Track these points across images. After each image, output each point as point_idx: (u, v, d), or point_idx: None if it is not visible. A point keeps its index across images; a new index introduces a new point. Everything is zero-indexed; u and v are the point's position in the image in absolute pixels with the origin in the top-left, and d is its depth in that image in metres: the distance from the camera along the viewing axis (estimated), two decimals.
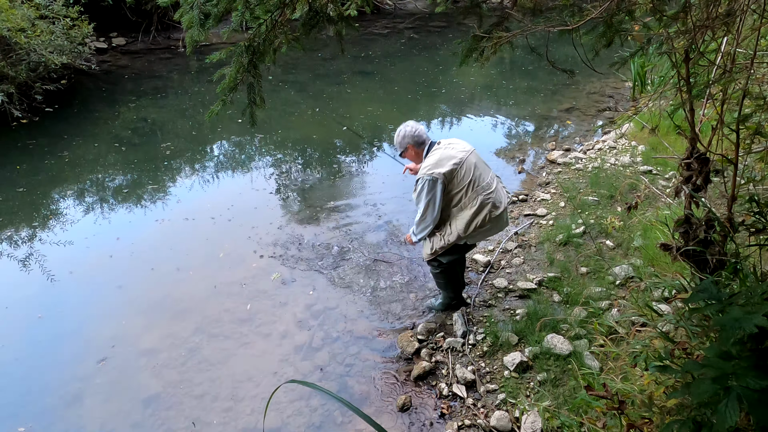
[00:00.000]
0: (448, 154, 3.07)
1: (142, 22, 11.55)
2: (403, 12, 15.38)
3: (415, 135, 3.18)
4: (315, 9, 1.74)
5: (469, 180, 3.05)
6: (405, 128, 3.21)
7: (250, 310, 3.83)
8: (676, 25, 1.62)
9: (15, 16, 6.90)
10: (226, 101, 1.85)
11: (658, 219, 3.85)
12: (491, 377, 3.09)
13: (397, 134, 3.24)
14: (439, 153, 3.10)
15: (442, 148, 3.12)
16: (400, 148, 3.28)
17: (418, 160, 3.29)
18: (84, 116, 7.79)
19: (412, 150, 3.24)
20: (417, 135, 3.19)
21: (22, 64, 7.23)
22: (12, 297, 4.07)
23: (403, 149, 3.27)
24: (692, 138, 2.08)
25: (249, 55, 1.69)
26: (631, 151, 5.81)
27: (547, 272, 3.94)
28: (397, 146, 3.28)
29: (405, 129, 3.21)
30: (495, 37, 1.78)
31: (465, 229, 3.10)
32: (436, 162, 3.05)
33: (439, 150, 3.12)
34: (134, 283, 4.19)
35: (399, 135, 3.23)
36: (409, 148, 3.23)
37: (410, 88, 9.11)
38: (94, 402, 3.14)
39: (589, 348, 3.00)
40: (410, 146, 3.22)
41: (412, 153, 3.27)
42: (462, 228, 3.10)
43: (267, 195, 5.57)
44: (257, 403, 3.08)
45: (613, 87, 8.74)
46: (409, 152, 3.27)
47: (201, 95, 8.93)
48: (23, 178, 5.88)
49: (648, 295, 3.24)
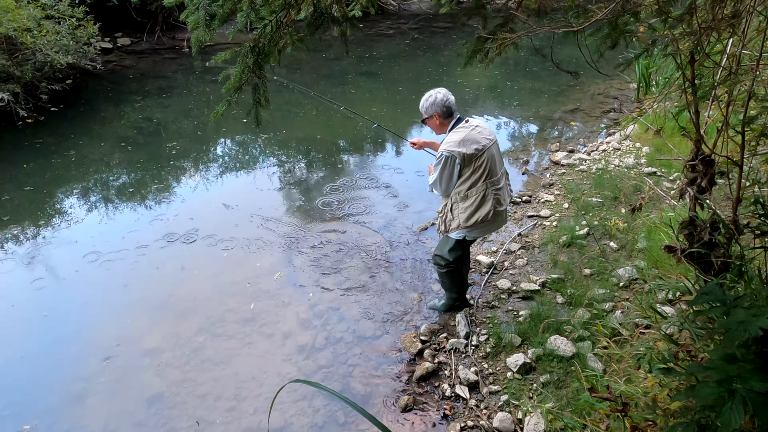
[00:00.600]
0: (473, 137, 2.97)
1: (147, 23, 11.61)
2: (407, 13, 15.39)
3: (446, 104, 3.02)
4: (320, 10, 1.74)
5: (483, 170, 3.00)
6: (437, 95, 3.02)
7: (254, 310, 3.83)
8: (681, 27, 1.62)
9: (21, 16, 6.94)
10: (231, 102, 1.86)
11: (662, 221, 3.83)
12: (494, 378, 3.09)
13: (427, 98, 3.06)
14: (465, 132, 2.98)
15: (469, 129, 3.00)
16: (425, 113, 3.09)
17: (439, 130, 3.16)
18: (89, 116, 7.82)
19: (438, 119, 3.07)
20: (448, 105, 3.02)
21: (27, 63, 7.27)
22: (18, 295, 4.09)
23: (428, 116, 3.09)
24: (697, 140, 2.08)
25: (254, 55, 1.69)
26: (636, 153, 5.79)
27: (550, 274, 3.93)
28: (423, 110, 3.09)
29: (437, 95, 3.02)
30: (500, 39, 1.78)
31: (467, 219, 3.07)
32: (461, 141, 2.95)
33: (466, 129, 3.00)
34: (139, 282, 4.21)
35: (428, 100, 3.05)
36: (435, 116, 3.07)
37: (414, 89, 9.11)
38: (98, 401, 3.15)
39: (593, 350, 2.99)
40: (437, 115, 3.05)
41: (437, 122, 3.10)
42: (464, 218, 3.08)
43: (271, 194, 5.58)
44: (260, 403, 3.09)
45: (617, 88, 8.72)
46: (434, 120, 3.10)
47: (205, 95, 8.95)
48: (30, 176, 5.92)
49: (652, 297, 3.23)
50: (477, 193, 3.03)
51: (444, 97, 3.02)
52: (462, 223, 3.10)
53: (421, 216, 5.05)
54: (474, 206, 3.05)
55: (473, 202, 3.04)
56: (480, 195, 3.03)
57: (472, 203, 3.05)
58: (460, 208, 3.09)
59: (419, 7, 15.66)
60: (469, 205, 3.06)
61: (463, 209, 3.08)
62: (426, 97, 3.07)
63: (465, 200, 3.06)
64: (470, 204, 3.05)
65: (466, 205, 3.06)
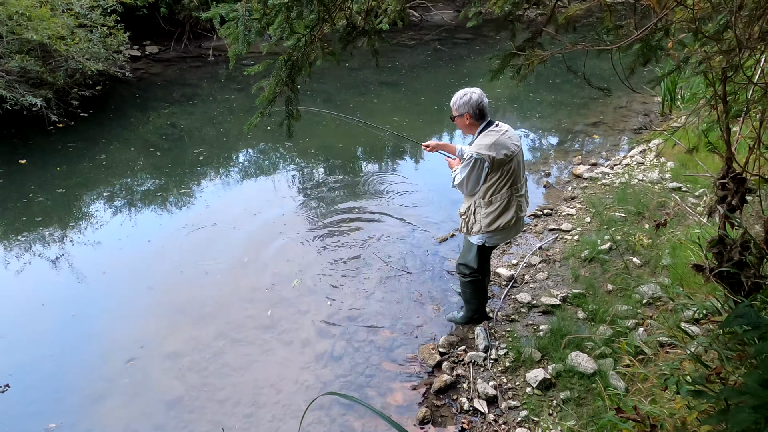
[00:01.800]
0: (503, 142, 2.95)
1: (174, 31, 11.88)
2: (429, 24, 15.47)
3: (480, 106, 2.96)
4: (352, 24, 1.77)
5: (509, 176, 3.00)
6: (472, 94, 2.95)
7: (273, 317, 3.86)
8: (715, 45, 1.60)
9: (56, 25, 7.17)
10: (264, 113, 1.89)
11: (688, 238, 3.76)
12: (513, 393, 3.05)
13: (461, 96, 2.99)
14: (495, 136, 2.96)
15: (500, 133, 2.98)
16: (456, 111, 3.03)
17: (467, 130, 3.11)
18: (119, 122, 8.02)
19: (468, 119, 3.01)
20: (481, 107, 2.97)
21: (60, 70, 7.50)
22: (48, 295, 4.20)
23: (458, 114, 3.02)
24: (728, 157, 2.04)
25: (288, 68, 1.73)
26: (660, 168, 5.70)
27: (571, 288, 3.88)
28: (455, 108, 3.03)
29: (472, 95, 2.95)
30: (532, 56, 1.78)
31: (489, 224, 3.07)
32: (491, 144, 2.93)
33: (497, 134, 2.97)
34: (163, 284, 4.29)
35: (462, 98, 2.98)
36: (466, 116, 3.00)
37: (436, 99, 9.14)
38: (119, 402, 3.20)
39: (615, 368, 2.94)
40: (468, 115, 2.99)
41: (466, 122, 3.03)
42: (486, 223, 3.08)
43: (293, 202, 5.63)
44: (278, 410, 3.10)
45: (641, 102, 8.61)
46: (463, 120, 3.03)
47: (229, 103, 9.11)
48: (62, 179, 6.09)
49: (677, 315, 3.16)
50: (501, 199, 3.03)
51: (479, 98, 2.96)
52: (483, 228, 3.10)
53: (440, 227, 5.04)
54: (498, 212, 3.05)
55: (497, 208, 3.05)
56: (504, 201, 3.03)
57: (496, 209, 3.05)
58: (483, 213, 3.09)
59: (441, 18, 15.73)
60: (492, 211, 3.06)
61: (485, 214, 3.08)
62: (461, 94, 3.01)
63: (489, 205, 3.06)
64: (494, 209, 3.05)
65: (490, 210, 3.06)
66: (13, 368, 3.45)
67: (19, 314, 3.98)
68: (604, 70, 9.10)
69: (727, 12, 1.52)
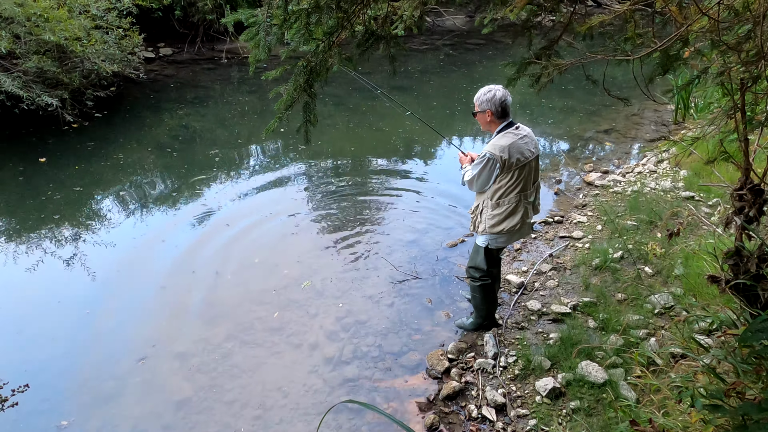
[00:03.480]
0: (519, 146, 2.94)
1: (188, 34, 12.01)
2: (441, 29, 15.50)
3: (503, 104, 2.94)
4: (371, 30, 1.78)
5: (519, 181, 3.00)
6: (497, 92, 2.93)
7: (282, 319, 3.87)
8: (736, 55, 1.59)
9: (73, 26, 7.27)
10: (282, 118, 1.91)
11: (702, 248, 3.72)
12: (522, 402, 3.03)
13: (486, 92, 2.97)
14: (512, 139, 2.93)
15: (518, 137, 2.96)
16: (478, 107, 3.00)
17: (487, 127, 3.08)
18: (133, 122, 8.11)
19: (489, 116, 2.98)
20: (504, 106, 2.95)
21: (75, 71, 7.60)
22: (64, 292, 4.25)
23: (481, 110, 3.00)
24: (746, 168, 2.02)
25: (306, 74, 1.74)
26: (673, 176, 5.65)
27: (582, 297, 3.86)
28: (477, 103, 3.01)
29: (497, 92, 2.93)
30: (551, 65, 1.78)
31: (493, 226, 3.08)
32: (506, 146, 2.91)
33: (514, 137, 2.95)
34: (176, 284, 4.32)
35: (486, 95, 2.96)
36: (488, 112, 2.97)
37: (448, 104, 9.14)
38: (129, 401, 3.22)
39: (626, 378, 2.91)
40: (490, 112, 2.96)
41: (487, 119, 3.01)
42: (490, 224, 3.08)
43: (304, 204, 5.65)
44: (285, 413, 3.10)
45: (653, 109, 8.55)
46: (485, 116, 3.00)
47: (242, 105, 9.18)
48: (80, 178, 6.19)
49: (691, 326, 3.12)
50: (509, 203, 3.04)
51: (503, 96, 2.94)
52: (488, 229, 3.11)
53: (450, 232, 5.03)
54: (503, 215, 3.05)
55: (503, 211, 3.05)
56: (512, 205, 3.04)
57: (502, 212, 3.05)
58: (489, 214, 3.09)
59: (453, 24, 15.75)
60: (498, 213, 3.06)
61: (491, 216, 3.08)
62: (485, 90, 2.98)
63: (496, 207, 3.06)
64: (500, 212, 3.06)
65: (496, 212, 3.06)
66: (29, 364, 3.49)
67: (37, 311, 4.03)
68: (617, 77, 9.06)
69: (749, 21, 1.51)
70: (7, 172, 6.32)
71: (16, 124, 7.37)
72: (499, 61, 12.09)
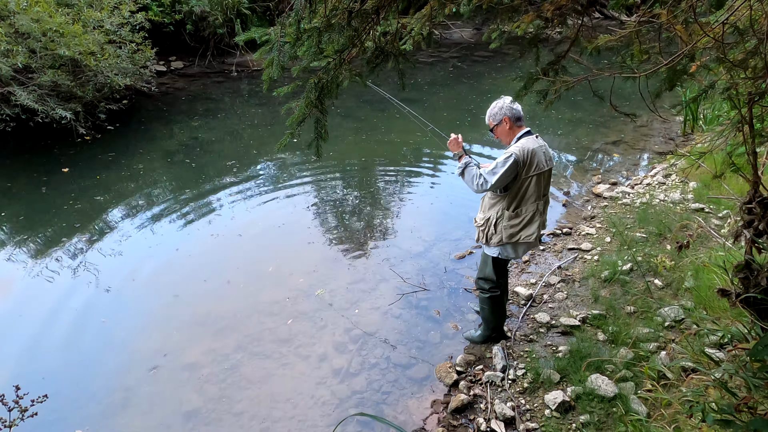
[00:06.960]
0: (539, 155, 2.97)
1: (199, 47, 12.19)
2: (448, 41, 15.61)
3: (515, 109, 3.00)
4: (380, 47, 1.82)
5: (536, 190, 3.01)
6: (503, 102, 3.02)
7: (291, 331, 3.88)
8: (742, 71, 1.60)
9: (87, 41, 7.42)
10: (294, 133, 1.95)
11: (712, 260, 3.69)
12: (531, 415, 3.01)
13: (494, 105, 3.06)
14: (534, 145, 2.96)
15: (536, 145, 2.98)
16: (494, 120, 3.06)
17: (508, 137, 3.09)
18: (147, 134, 8.23)
19: (507, 122, 3.02)
20: (516, 110, 3.01)
21: (89, 84, 7.74)
22: (81, 300, 4.30)
23: (497, 122, 3.05)
24: (755, 181, 2.02)
25: (317, 91, 1.78)
26: (682, 188, 5.63)
27: (591, 309, 3.84)
28: (492, 118, 3.07)
29: (504, 100, 3.02)
30: (558, 81, 1.80)
31: (510, 236, 3.08)
32: (530, 151, 2.92)
33: (534, 143, 2.97)
34: (188, 294, 4.36)
35: (495, 106, 3.04)
36: (504, 120, 3.02)
37: (456, 116, 9.18)
38: (139, 411, 3.25)
39: (636, 392, 2.88)
40: (507, 118, 3.01)
41: (506, 127, 3.04)
42: (507, 234, 3.08)
43: (315, 216, 5.69)
44: (294, 425, 3.11)
45: (662, 121, 8.53)
46: (503, 126, 3.05)
47: (251, 118, 9.28)
48: (101, 188, 6.30)
49: (701, 340, 3.09)
50: (527, 212, 3.05)
51: (511, 101, 2.99)
52: (504, 239, 3.10)
53: (458, 244, 5.03)
54: (522, 225, 3.06)
55: (522, 221, 3.05)
56: (529, 215, 3.05)
57: (520, 221, 3.06)
58: (506, 224, 3.08)
59: (461, 36, 15.87)
60: (517, 223, 3.06)
61: (509, 225, 3.08)
62: (493, 104, 3.07)
63: (514, 218, 3.06)
64: (519, 222, 3.06)
65: (515, 222, 3.06)
66: (45, 373, 3.54)
67: (54, 319, 4.08)
68: (625, 90, 9.06)
69: (753, 37, 1.52)
70: (32, 180, 6.46)
71: (33, 136, 7.52)
72: (507, 73, 12.15)
